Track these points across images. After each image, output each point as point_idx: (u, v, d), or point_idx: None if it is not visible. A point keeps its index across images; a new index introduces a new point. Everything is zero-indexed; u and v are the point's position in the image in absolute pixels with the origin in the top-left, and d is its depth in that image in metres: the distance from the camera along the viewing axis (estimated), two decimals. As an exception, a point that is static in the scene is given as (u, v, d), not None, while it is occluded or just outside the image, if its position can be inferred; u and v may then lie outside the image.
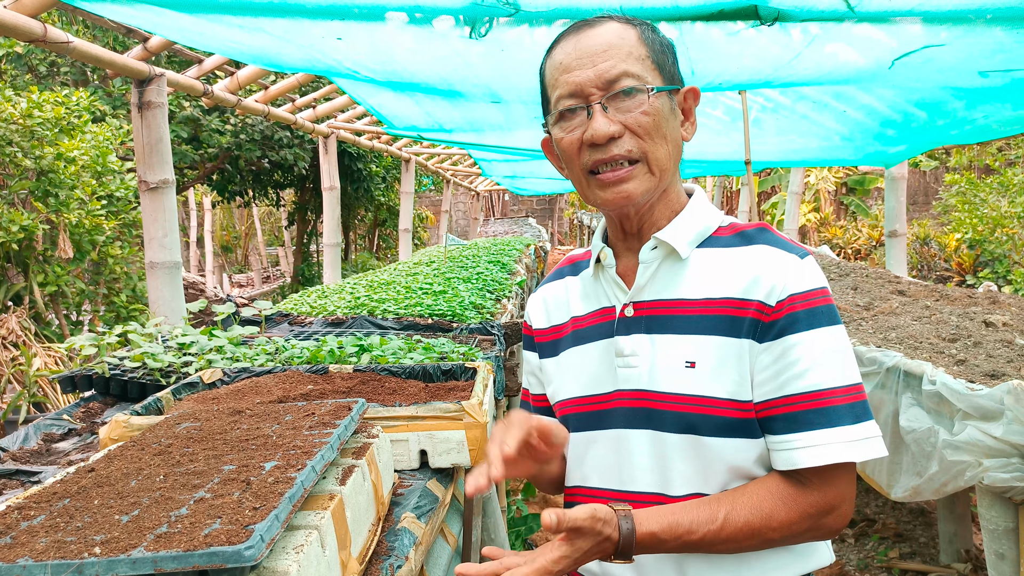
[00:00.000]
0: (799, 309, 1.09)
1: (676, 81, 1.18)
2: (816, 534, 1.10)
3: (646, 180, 1.15)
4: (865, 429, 1.07)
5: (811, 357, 1.08)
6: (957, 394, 2.45)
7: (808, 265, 1.13)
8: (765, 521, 1.07)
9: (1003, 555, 2.43)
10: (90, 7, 2.61)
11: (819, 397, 1.08)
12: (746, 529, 1.07)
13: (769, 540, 1.08)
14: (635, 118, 1.12)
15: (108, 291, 6.16)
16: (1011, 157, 13.25)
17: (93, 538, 0.88)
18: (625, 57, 1.12)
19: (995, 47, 2.61)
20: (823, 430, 1.07)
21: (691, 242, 1.19)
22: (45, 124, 5.35)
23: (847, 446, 1.06)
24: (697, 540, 1.07)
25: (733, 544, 1.08)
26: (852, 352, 1.11)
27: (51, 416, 2.24)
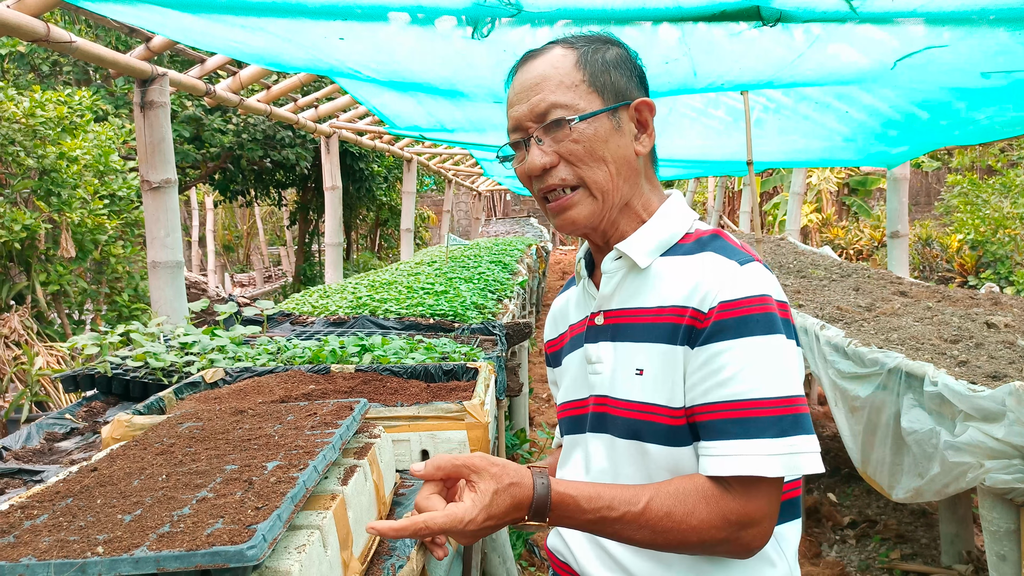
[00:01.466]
0: (728, 317, 1.08)
1: (625, 97, 1.20)
2: (733, 547, 1.06)
3: (589, 204, 1.19)
4: (789, 444, 1.03)
5: (736, 366, 1.06)
6: (959, 395, 2.45)
7: (747, 271, 1.11)
8: (686, 516, 1.04)
9: (1004, 556, 2.43)
10: (93, 7, 2.61)
11: (740, 407, 1.05)
12: (667, 520, 1.04)
13: (686, 539, 1.04)
14: (567, 147, 1.16)
15: (110, 290, 6.16)
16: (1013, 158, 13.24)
17: (96, 537, 0.89)
18: (555, 88, 1.16)
19: (998, 48, 2.61)
20: (739, 440, 1.04)
21: (652, 251, 1.20)
22: (48, 123, 5.36)
23: (762, 459, 1.03)
24: (616, 518, 1.04)
25: (650, 532, 1.04)
26: (789, 363, 1.08)
27: (53, 415, 2.25)
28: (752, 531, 1.05)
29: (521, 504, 1.01)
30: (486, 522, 0.99)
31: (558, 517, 1.04)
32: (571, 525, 1.06)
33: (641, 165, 1.24)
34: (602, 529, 1.05)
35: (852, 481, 5.07)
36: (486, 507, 0.99)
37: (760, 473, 1.03)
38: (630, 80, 1.22)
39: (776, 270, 6.03)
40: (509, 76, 1.25)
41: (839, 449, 5.45)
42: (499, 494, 1.00)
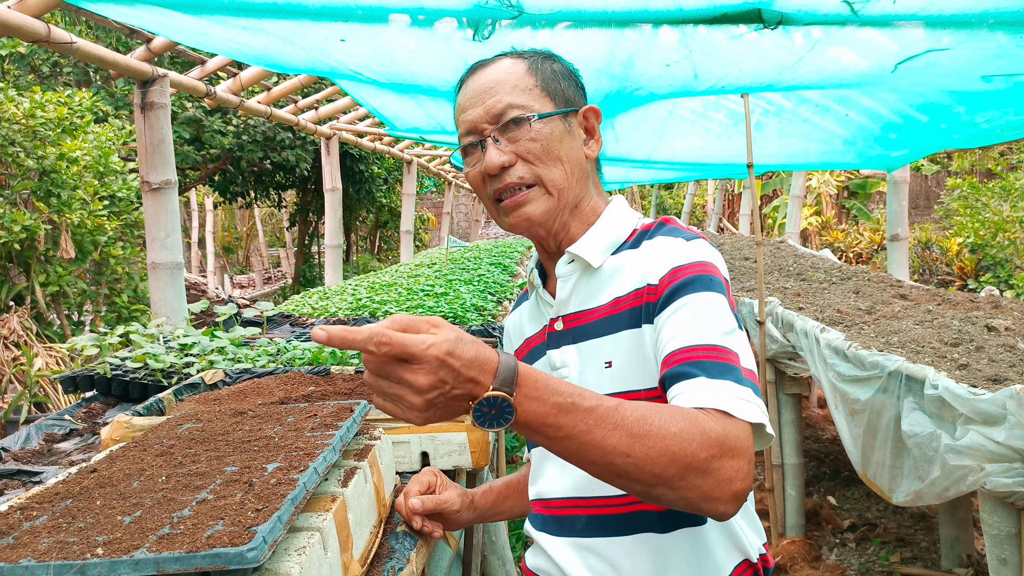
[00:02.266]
0: (679, 279, 1.11)
1: (574, 104, 1.25)
2: (714, 480, 0.91)
3: (544, 201, 1.22)
4: (748, 393, 0.99)
5: (685, 318, 1.08)
6: (959, 399, 2.44)
7: (693, 244, 1.16)
8: (664, 423, 0.91)
9: (1005, 560, 2.42)
10: (93, 7, 2.61)
11: (697, 351, 1.03)
12: (643, 423, 0.91)
13: (666, 448, 0.90)
14: (524, 146, 1.20)
15: (110, 291, 6.16)
16: (1013, 161, 13.25)
17: (96, 539, 0.88)
18: (510, 90, 1.21)
19: (998, 52, 2.61)
20: (706, 379, 1.00)
21: (603, 251, 1.24)
22: (48, 124, 5.36)
23: (733, 400, 0.97)
24: (588, 408, 0.90)
25: (625, 435, 0.90)
26: (722, 316, 1.08)
27: (53, 416, 2.24)
28: (734, 462, 0.92)
29: (486, 362, 0.86)
30: (448, 358, 0.83)
31: (526, 393, 0.88)
32: (537, 410, 0.89)
33: (589, 169, 1.29)
34: (571, 423, 0.90)
35: (852, 484, 5.07)
36: (451, 342, 0.84)
37: (734, 412, 0.96)
38: (576, 91, 1.28)
39: (776, 273, 6.03)
40: (458, 84, 1.29)
41: (839, 452, 5.45)
42: (464, 340, 0.86)
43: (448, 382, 0.85)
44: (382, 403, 0.88)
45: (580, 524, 1.21)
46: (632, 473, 0.91)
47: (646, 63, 3.01)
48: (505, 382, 0.87)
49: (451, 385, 0.85)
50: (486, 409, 0.87)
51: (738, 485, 0.93)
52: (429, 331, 0.85)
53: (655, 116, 4.80)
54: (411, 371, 0.84)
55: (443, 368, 0.84)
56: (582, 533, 1.20)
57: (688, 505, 0.94)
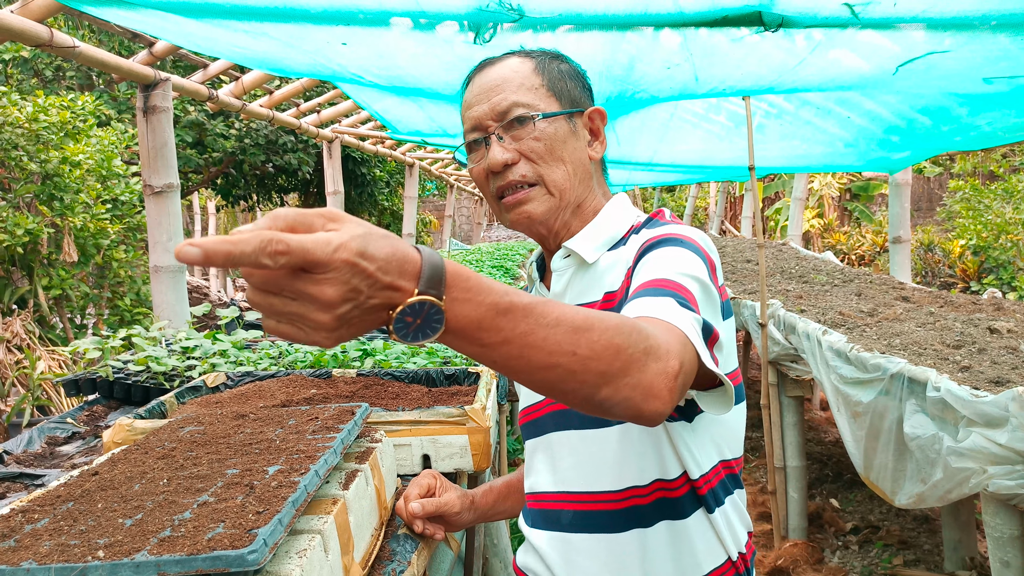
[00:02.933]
0: (646, 245, 1.13)
1: (580, 105, 1.26)
2: (637, 379, 0.82)
3: (546, 201, 1.22)
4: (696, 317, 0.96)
5: (646, 267, 1.08)
6: (961, 401, 2.44)
7: (669, 225, 1.19)
8: (601, 318, 0.82)
9: (1008, 563, 2.42)
10: (96, 12, 2.62)
11: (651, 283, 1.02)
12: (582, 316, 0.81)
13: (602, 340, 0.80)
14: (528, 144, 1.20)
15: (112, 295, 6.17)
16: (1016, 163, 13.23)
17: (97, 541, 0.88)
18: (516, 89, 1.21)
19: (1000, 54, 2.61)
20: (652, 297, 0.98)
21: (599, 247, 1.24)
22: (50, 128, 5.37)
23: (676, 312, 0.94)
24: (526, 305, 0.77)
25: (567, 329, 0.79)
26: (682, 261, 1.06)
27: (55, 419, 2.25)
28: (658, 364, 0.84)
29: (405, 261, 0.70)
30: (360, 261, 0.66)
31: (456, 296, 0.73)
32: (471, 314, 0.74)
33: (594, 169, 1.30)
34: (510, 325, 0.76)
35: (855, 487, 5.06)
36: (360, 238, 0.67)
37: (675, 323, 0.91)
38: (582, 91, 1.28)
39: (778, 275, 6.02)
40: (465, 81, 1.29)
41: (842, 454, 5.44)
42: (375, 235, 0.69)
43: (363, 290, 0.67)
44: (276, 326, 0.70)
45: (566, 519, 1.21)
46: (578, 374, 0.80)
47: (647, 66, 3.01)
48: (431, 283, 0.71)
49: (366, 294, 0.68)
50: (409, 319, 0.71)
51: (659, 385, 0.84)
52: (327, 227, 0.67)
53: (657, 119, 4.81)
54: (314, 282, 0.65)
55: (355, 274, 0.66)
56: (567, 528, 1.21)
57: (629, 407, 0.84)
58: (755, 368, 7.75)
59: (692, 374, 0.91)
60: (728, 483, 1.21)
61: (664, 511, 1.16)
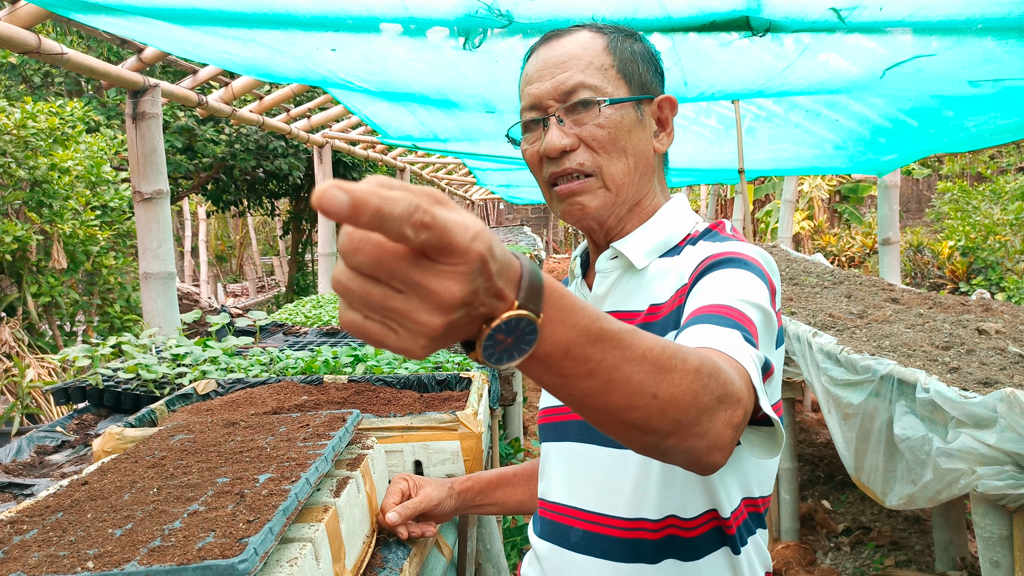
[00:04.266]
0: (706, 264, 1.04)
1: (650, 91, 1.15)
2: (710, 426, 0.75)
3: (601, 195, 1.12)
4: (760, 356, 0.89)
5: (708, 287, 0.99)
6: (950, 402, 2.46)
7: (729, 242, 1.08)
8: (686, 356, 0.74)
9: (998, 563, 2.43)
10: (84, 19, 2.62)
11: (714, 308, 0.94)
12: (667, 353, 0.72)
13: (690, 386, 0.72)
14: (590, 131, 1.10)
15: (102, 302, 6.14)
16: (1003, 165, 13.33)
17: (86, 552, 0.88)
18: (584, 68, 1.10)
19: (985, 57, 2.64)
20: (720, 327, 0.89)
21: (649, 252, 1.14)
22: (39, 134, 5.35)
23: (744, 351, 0.86)
24: (615, 333, 0.68)
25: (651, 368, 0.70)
26: (745, 286, 0.98)
27: (44, 428, 2.23)
28: (727, 414, 0.77)
29: (511, 265, 0.60)
30: (489, 257, 0.55)
31: (554, 313, 0.63)
32: (563, 338, 0.64)
33: (657, 164, 1.19)
34: (599, 355, 0.67)
35: (846, 488, 5.08)
36: (488, 232, 0.56)
37: (743, 363, 0.83)
38: (654, 76, 1.17)
39: (768, 278, 6.04)
40: (528, 54, 1.18)
41: (833, 456, 5.46)
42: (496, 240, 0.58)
43: (479, 294, 0.56)
44: (363, 323, 0.55)
45: (575, 537, 1.14)
46: (653, 420, 0.72)
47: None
48: (531, 296, 0.60)
49: (480, 300, 0.57)
50: (501, 336, 0.60)
51: (726, 436, 0.78)
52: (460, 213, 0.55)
53: (647, 122, 4.82)
54: (438, 274, 0.53)
55: (481, 272, 0.55)
56: (575, 547, 1.14)
57: (690, 457, 0.78)
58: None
59: (747, 414, 0.82)
60: (751, 522, 1.11)
61: (673, 549, 1.07)
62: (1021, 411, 2.21)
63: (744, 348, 0.86)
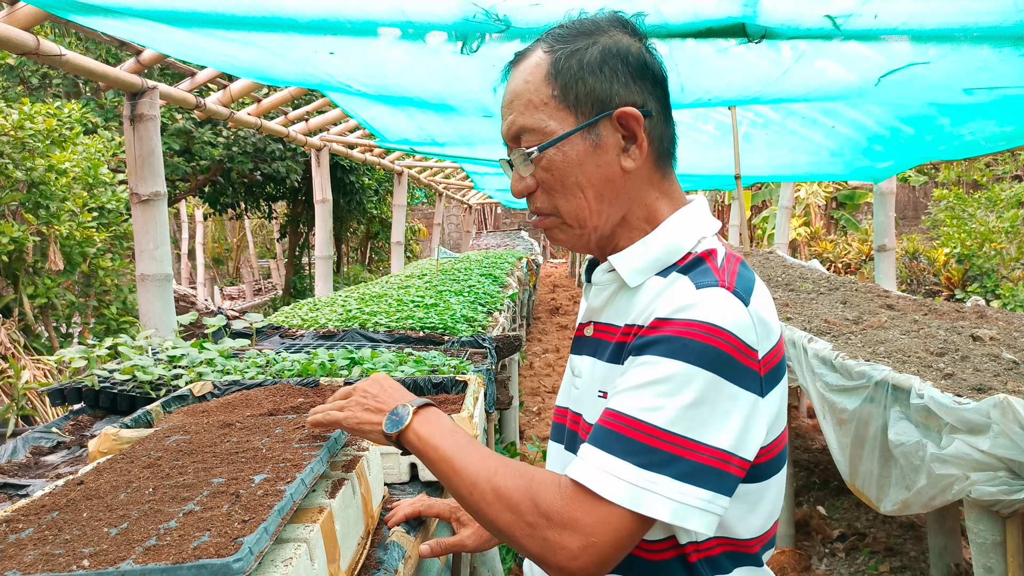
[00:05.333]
0: (655, 334, 0.97)
1: (605, 106, 1.05)
2: (539, 539, 0.95)
3: (565, 230, 1.12)
4: (650, 480, 0.91)
5: (637, 379, 0.96)
6: (945, 408, 2.47)
7: (701, 295, 0.98)
8: (507, 475, 0.99)
9: (991, 569, 2.44)
10: (83, 21, 2.62)
11: (617, 419, 0.96)
12: (484, 472, 1.01)
13: (498, 500, 0.98)
14: (540, 175, 1.08)
15: (98, 303, 6.13)
16: (999, 172, 13.38)
17: (82, 551, 0.88)
18: (524, 108, 1.07)
19: (980, 65, 2.65)
20: (599, 450, 0.95)
21: (641, 270, 1.08)
22: (37, 136, 5.35)
23: (607, 477, 0.93)
24: (445, 452, 1.07)
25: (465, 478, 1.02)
26: (705, 403, 0.93)
27: (40, 429, 2.23)
28: (563, 536, 0.93)
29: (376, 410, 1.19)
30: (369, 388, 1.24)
31: (411, 441, 1.13)
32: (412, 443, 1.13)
33: (640, 177, 1.09)
34: (433, 473, 1.10)
35: (841, 494, 5.09)
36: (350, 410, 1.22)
37: (597, 490, 0.93)
38: (614, 81, 1.05)
39: (765, 283, 6.05)
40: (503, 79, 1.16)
41: (828, 462, 5.47)
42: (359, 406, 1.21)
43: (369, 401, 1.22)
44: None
45: None
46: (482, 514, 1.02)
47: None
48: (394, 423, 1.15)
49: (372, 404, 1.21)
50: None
51: (563, 561, 0.93)
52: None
53: (644, 128, 4.83)
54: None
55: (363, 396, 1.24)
56: None
57: (530, 558, 0.98)
58: (743, 376, 7.77)
59: (628, 533, 0.93)
60: (724, 561, 1.05)
61: (636, 570, 1.05)
62: (1014, 417, 2.22)
63: (619, 481, 0.93)
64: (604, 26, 1.08)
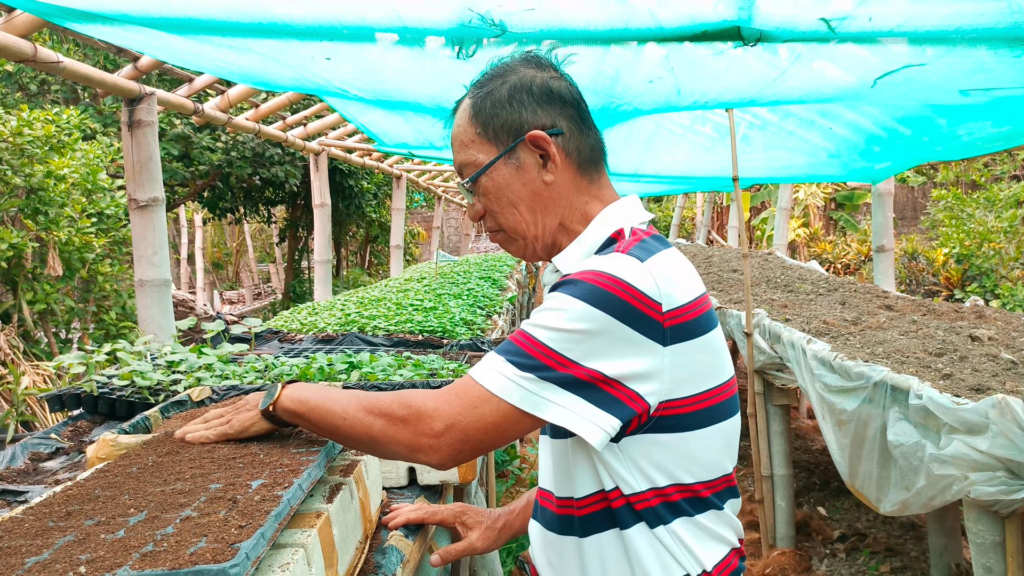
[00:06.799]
0: (563, 279, 1.14)
1: (519, 133, 1.21)
2: (409, 429, 1.11)
3: (513, 242, 1.29)
4: (526, 378, 1.07)
5: (541, 307, 1.13)
6: (943, 408, 2.47)
7: (595, 259, 1.15)
8: (373, 396, 1.17)
9: (991, 568, 2.44)
10: (80, 28, 2.63)
11: (514, 332, 1.14)
12: (355, 400, 1.18)
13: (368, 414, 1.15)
14: (483, 200, 1.27)
15: (97, 309, 6.13)
16: (997, 173, 13.38)
17: (79, 557, 0.88)
18: (460, 148, 1.26)
19: (975, 66, 2.65)
20: (491, 352, 1.13)
21: (577, 262, 1.23)
22: (35, 142, 5.35)
23: (485, 367, 1.10)
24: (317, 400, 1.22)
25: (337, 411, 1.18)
26: (553, 312, 1.09)
27: (39, 435, 2.23)
28: (431, 422, 1.09)
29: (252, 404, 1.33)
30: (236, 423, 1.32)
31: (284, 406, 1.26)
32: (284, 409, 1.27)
33: (564, 187, 1.24)
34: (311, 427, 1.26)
35: (841, 494, 5.09)
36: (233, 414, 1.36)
37: (474, 375, 1.09)
38: (523, 110, 1.22)
39: (763, 284, 6.06)
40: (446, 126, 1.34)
41: (828, 463, 5.46)
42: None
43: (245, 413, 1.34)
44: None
45: (548, 516, 1.27)
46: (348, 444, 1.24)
47: (630, 79, 3.04)
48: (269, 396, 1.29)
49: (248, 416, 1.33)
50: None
51: (429, 441, 1.09)
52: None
53: (642, 130, 4.84)
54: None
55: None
56: (539, 520, 1.30)
57: (401, 459, 1.18)
58: (741, 377, 7.78)
59: (496, 420, 1.07)
60: (684, 506, 1.15)
61: (599, 523, 1.17)
62: (1013, 417, 2.22)
63: (490, 368, 1.09)
64: (514, 66, 1.26)
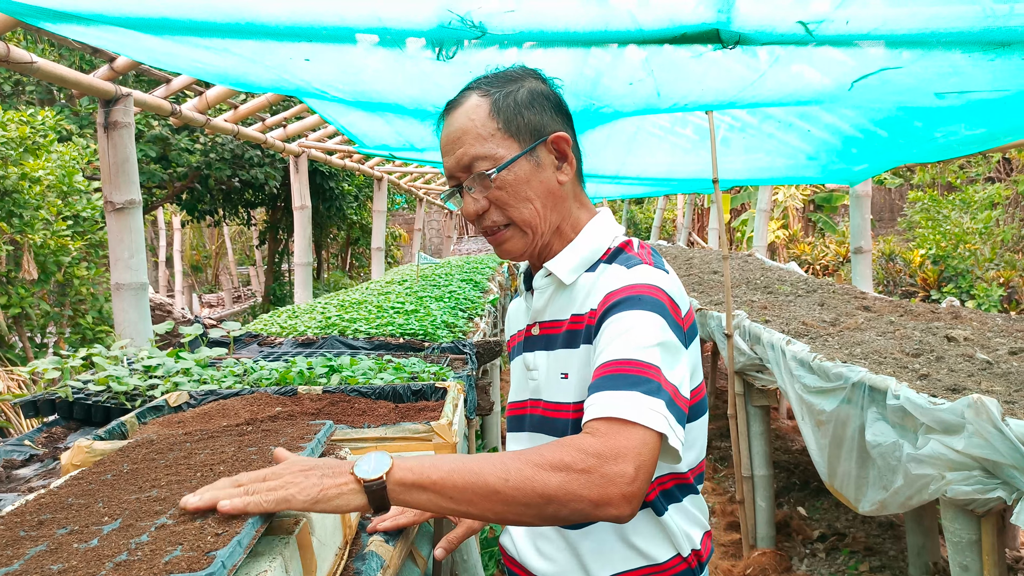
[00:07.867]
0: (610, 302, 1.19)
1: (540, 134, 1.28)
2: (595, 480, 0.99)
3: (520, 238, 1.32)
4: (650, 401, 1.06)
5: (611, 335, 1.15)
6: (920, 408, 2.49)
7: (633, 272, 1.22)
8: (533, 452, 1.03)
9: (967, 567, 2.47)
10: (54, 28, 2.59)
11: (612, 366, 1.11)
12: (510, 460, 1.02)
13: (540, 470, 1.00)
14: (494, 194, 1.28)
15: (74, 313, 6.06)
16: (972, 175, 13.57)
17: (51, 568, 0.87)
18: (474, 141, 1.26)
19: (950, 70, 2.69)
20: (609, 392, 1.08)
21: (575, 269, 1.31)
22: (10, 143, 5.28)
23: (627, 405, 1.05)
24: (450, 468, 1.02)
25: (492, 473, 1.01)
26: (644, 330, 1.12)
27: (12, 441, 2.20)
28: (617, 466, 0.99)
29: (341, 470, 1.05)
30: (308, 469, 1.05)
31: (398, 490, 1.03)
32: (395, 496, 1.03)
33: (568, 190, 1.34)
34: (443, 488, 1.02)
35: (821, 495, 5.12)
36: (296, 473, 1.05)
37: (624, 415, 1.03)
38: (544, 114, 1.29)
39: (743, 286, 6.10)
40: (438, 125, 1.34)
41: (807, 463, 5.51)
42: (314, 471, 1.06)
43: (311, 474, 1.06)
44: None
45: None
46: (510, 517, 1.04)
47: (611, 81, 3.04)
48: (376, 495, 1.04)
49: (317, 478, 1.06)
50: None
51: (623, 484, 0.99)
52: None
53: (623, 132, 4.86)
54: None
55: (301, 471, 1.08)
56: None
57: (584, 518, 1.02)
58: (722, 378, 7.82)
59: (656, 456, 1.05)
60: (676, 492, 1.29)
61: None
62: (988, 417, 2.25)
63: (644, 405, 1.05)
64: (522, 75, 1.32)
